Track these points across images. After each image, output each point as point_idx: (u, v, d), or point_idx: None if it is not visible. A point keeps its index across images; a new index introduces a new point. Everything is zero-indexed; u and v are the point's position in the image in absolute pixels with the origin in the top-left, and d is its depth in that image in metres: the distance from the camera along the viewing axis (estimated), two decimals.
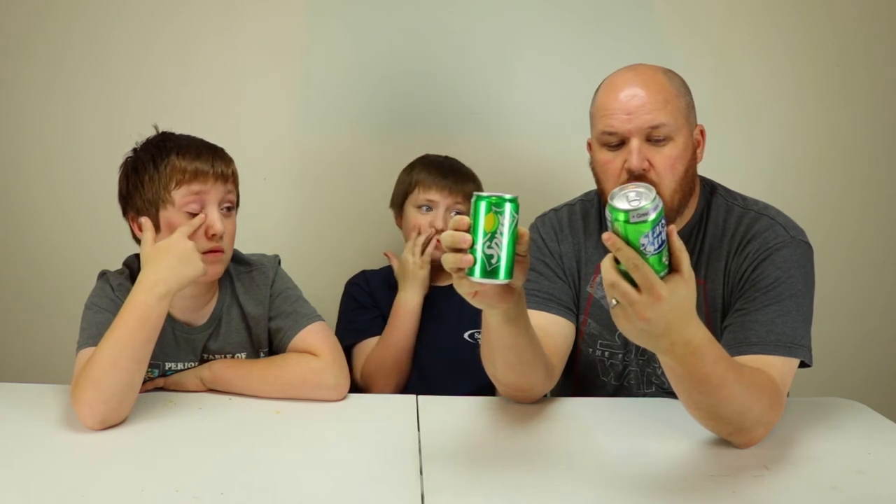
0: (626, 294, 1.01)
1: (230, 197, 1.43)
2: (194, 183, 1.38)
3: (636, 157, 1.32)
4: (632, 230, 0.99)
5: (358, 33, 2.06)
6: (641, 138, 1.33)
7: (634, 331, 1.05)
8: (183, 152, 1.39)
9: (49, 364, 1.87)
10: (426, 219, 1.82)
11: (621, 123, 1.33)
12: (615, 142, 1.35)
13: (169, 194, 1.37)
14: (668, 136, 1.33)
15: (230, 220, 1.43)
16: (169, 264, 1.31)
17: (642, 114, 1.32)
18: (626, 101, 1.33)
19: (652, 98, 1.32)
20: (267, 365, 1.46)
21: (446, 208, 1.81)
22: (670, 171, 1.34)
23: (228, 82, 2.06)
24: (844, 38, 2.11)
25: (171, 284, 1.30)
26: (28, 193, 2.08)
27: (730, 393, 1.15)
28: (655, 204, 0.99)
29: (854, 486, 1.14)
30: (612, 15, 2.06)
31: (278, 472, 1.14)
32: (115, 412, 1.26)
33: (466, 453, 1.23)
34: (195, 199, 1.38)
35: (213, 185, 1.39)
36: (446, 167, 1.86)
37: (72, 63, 2.03)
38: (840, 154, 2.16)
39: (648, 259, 1.00)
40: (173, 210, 1.38)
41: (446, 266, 1.10)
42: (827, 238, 1.75)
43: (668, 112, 1.33)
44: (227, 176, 1.41)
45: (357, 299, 1.85)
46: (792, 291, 1.33)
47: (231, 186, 1.43)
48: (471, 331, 1.78)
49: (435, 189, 1.81)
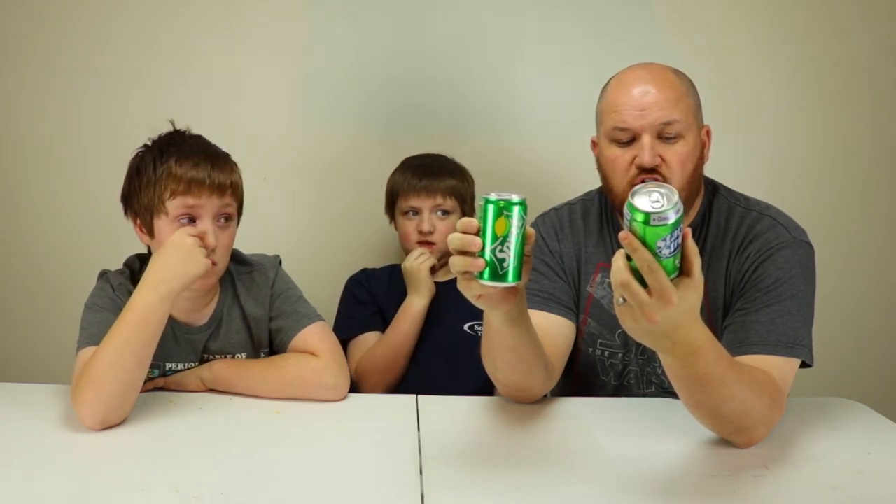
0: (636, 295, 1.00)
1: (227, 209, 1.40)
2: (188, 196, 1.36)
3: (648, 152, 1.32)
4: (650, 232, 0.98)
5: (358, 33, 2.06)
6: (653, 134, 1.33)
7: (639, 330, 1.05)
8: (182, 159, 1.37)
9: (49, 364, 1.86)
10: (413, 224, 1.83)
11: (633, 119, 1.33)
12: (626, 138, 1.35)
13: (163, 204, 1.36)
14: (680, 133, 1.33)
15: (226, 232, 1.41)
16: (172, 263, 1.30)
17: (655, 110, 1.32)
18: (639, 98, 1.33)
19: (664, 95, 1.32)
20: (267, 365, 1.46)
21: (430, 210, 1.82)
22: (681, 169, 1.34)
23: (228, 82, 2.06)
24: (844, 38, 2.11)
25: (173, 284, 1.30)
26: (28, 193, 2.08)
27: (730, 392, 1.14)
28: (677, 208, 0.98)
29: (854, 486, 1.14)
30: (613, 15, 2.06)
31: (278, 472, 1.14)
32: (116, 412, 1.26)
33: (466, 453, 1.23)
34: (188, 212, 1.37)
35: (208, 199, 1.37)
36: (423, 168, 1.85)
37: (72, 63, 2.03)
38: (840, 154, 2.16)
39: (662, 262, 0.99)
40: (166, 220, 1.37)
41: (454, 269, 1.09)
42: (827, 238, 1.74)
43: (679, 109, 1.33)
44: (225, 187, 1.39)
45: (356, 295, 1.86)
46: (793, 292, 1.33)
47: (229, 198, 1.40)
48: (470, 322, 1.79)
49: (413, 194, 1.82)
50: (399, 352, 1.76)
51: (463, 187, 1.85)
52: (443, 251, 1.83)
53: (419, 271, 1.79)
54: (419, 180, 1.83)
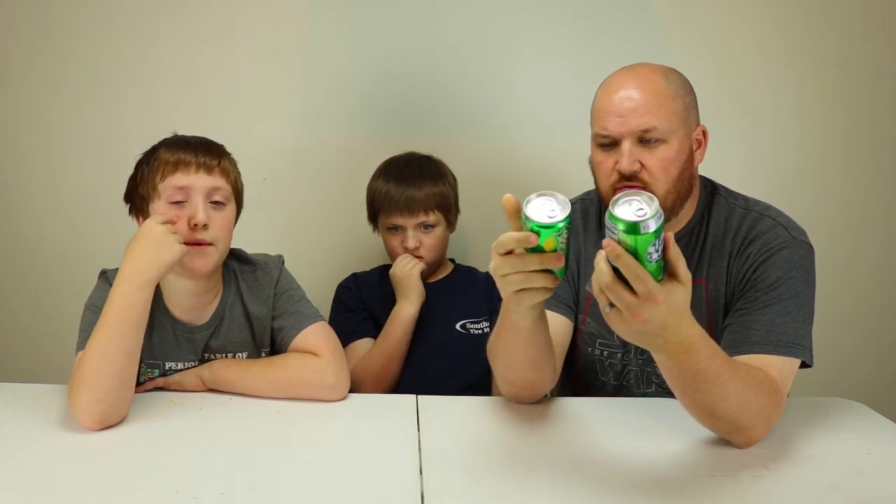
0: (621, 297, 1.01)
1: (220, 192, 1.40)
2: (177, 173, 1.37)
3: (626, 159, 1.33)
4: (636, 240, 0.99)
5: (358, 33, 2.06)
6: (633, 140, 1.34)
7: (630, 332, 1.06)
8: (172, 144, 1.40)
9: (49, 364, 1.87)
10: (397, 239, 1.82)
11: (614, 126, 1.34)
12: (608, 143, 1.36)
13: (156, 189, 1.38)
14: (661, 138, 1.34)
15: (220, 213, 1.40)
16: (144, 252, 1.30)
17: (634, 117, 1.33)
18: (619, 104, 1.34)
19: (645, 101, 1.33)
20: (267, 365, 1.46)
21: (413, 228, 1.80)
22: (663, 173, 1.34)
23: (228, 82, 2.06)
24: (844, 38, 2.11)
25: (149, 273, 1.29)
26: (28, 193, 2.08)
27: (725, 389, 1.15)
28: (658, 214, 0.99)
29: (854, 486, 1.14)
30: (611, 14, 2.06)
31: (278, 472, 1.14)
32: (112, 411, 1.26)
33: (466, 453, 1.23)
34: (179, 191, 1.37)
35: (195, 175, 1.37)
36: (404, 179, 1.81)
37: (72, 63, 2.03)
38: (840, 154, 2.16)
39: (648, 266, 1.00)
40: (160, 203, 1.38)
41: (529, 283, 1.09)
42: (827, 238, 1.74)
43: (660, 115, 1.33)
44: (212, 167, 1.39)
45: (345, 302, 1.85)
46: (793, 292, 1.33)
47: (219, 179, 1.40)
48: (462, 321, 1.79)
49: (396, 213, 1.80)
50: (391, 358, 1.75)
51: (446, 192, 1.82)
52: (430, 262, 1.82)
53: (409, 276, 1.77)
54: (400, 194, 1.79)
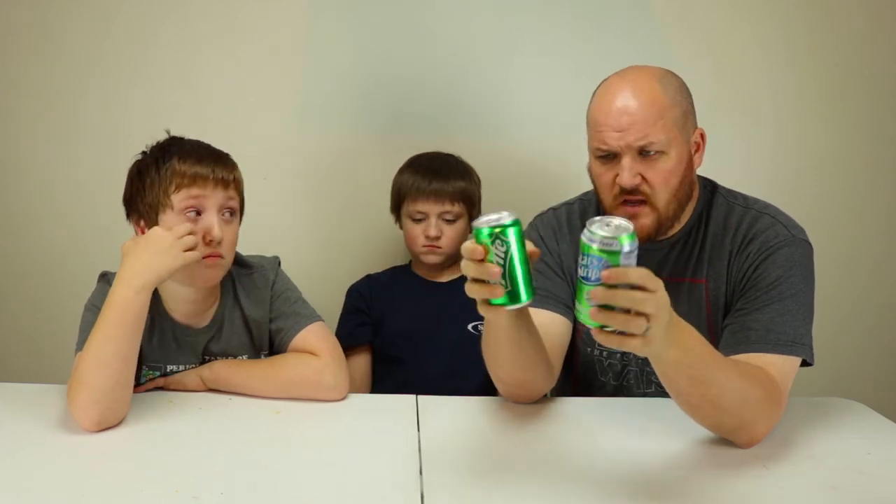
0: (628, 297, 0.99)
1: (231, 203, 1.41)
2: (193, 187, 1.37)
3: (627, 174, 1.32)
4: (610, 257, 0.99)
5: (358, 34, 2.06)
6: (633, 154, 1.32)
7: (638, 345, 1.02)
8: (185, 156, 1.38)
9: (49, 364, 1.87)
10: (419, 228, 1.83)
11: (613, 141, 1.32)
12: (607, 155, 1.35)
13: (168, 198, 1.37)
14: (661, 150, 1.32)
15: (230, 227, 1.42)
16: (146, 257, 1.30)
17: (633, 132, 1.31)
18: (617, 118, 1.32)
19: (643, 113, 1.31)
20: (267, 365, 1.46)
21: (437, 216, 1.81)
22: (664, 185, 1.34)
23: (228, 82, 2.06)
24: (844, 38, 2.11)
25: (147, 277, 1.29)
26: (28, 194, 2.08)
27: (720, 385, 1.15)
28: (633, 241, 0.99)
29: (854, 486, 1.14)
30: (611, 14, 2.06)
31: (278, 472, 1.14)
32: (110, 412, 1.26)
33: (466, 453, 1.23)
34: (194, 204, 1.37)
35: (212, 191, 1.38)
36: (431, 170, 1.83)
37: (72, 63, 2.03)
38: (840, 154, 2.15)
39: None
40: (172, 214, 1.37)
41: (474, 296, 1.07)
42: (827, 238, 1.74)
43: (660, 127, 1.31)
44: (228, 182, 1.40)
45: (350, 304, 1.88)
46: (793, 290, 1.33)
47: (233, 193, 1.41)
48: (474, 322, 1.79)
49: (422, 199, 1.81)
50: None
51: (471, 189, 1.84)
52: (449, 254, 1.83)
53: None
54: (428, 183, 1.81)
